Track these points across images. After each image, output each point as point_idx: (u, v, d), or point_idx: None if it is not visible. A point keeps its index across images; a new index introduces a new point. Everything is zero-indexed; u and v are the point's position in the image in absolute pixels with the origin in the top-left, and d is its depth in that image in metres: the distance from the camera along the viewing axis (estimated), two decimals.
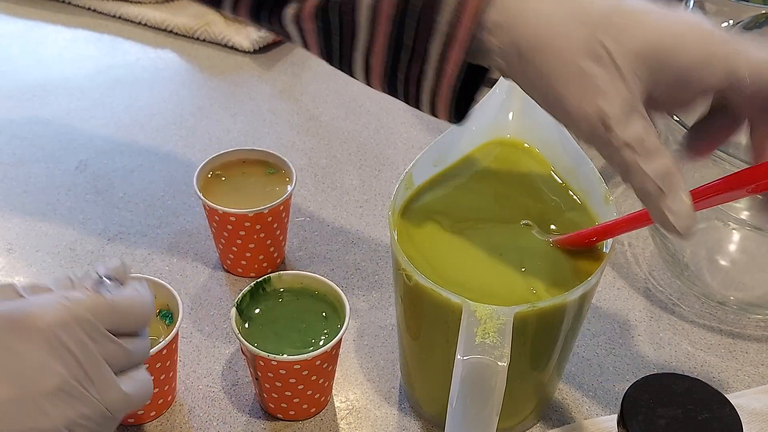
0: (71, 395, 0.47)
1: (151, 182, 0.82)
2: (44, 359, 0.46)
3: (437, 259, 0.57)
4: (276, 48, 1.01)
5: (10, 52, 0.99)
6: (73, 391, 0.47)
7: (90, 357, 0.48)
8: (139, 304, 0.50)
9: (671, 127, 0.65)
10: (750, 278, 0.74)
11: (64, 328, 0.47)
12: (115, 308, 0.49)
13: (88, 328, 0.48)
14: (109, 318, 0.49)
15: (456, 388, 0.49)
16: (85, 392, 0.47)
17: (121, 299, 0.50)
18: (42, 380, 0.46)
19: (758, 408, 0.64)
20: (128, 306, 0.50)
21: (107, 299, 0.49)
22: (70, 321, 0.47)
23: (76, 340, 0.47)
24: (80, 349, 0.47)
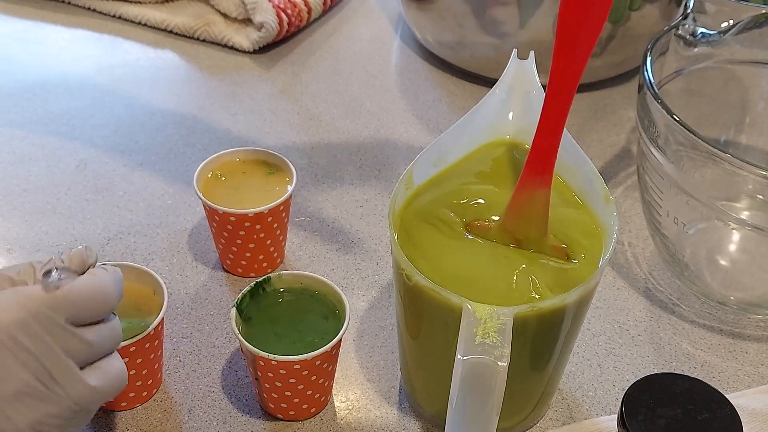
0: (33, 397, 0.46)
1: (151, 182, 0.82)
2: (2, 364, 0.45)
3: (437, 259, 0.57)
4: (276, 48, 1.01)
5: (10, 52, 0.99)
6: (35, 392, 0.46)
7: (51, 355, 0.46)
8: (98, 291, 0.49)
9: (671, 126, 0.65)
10: (750, 278, 0.74)
11: (22, 329, 0.46)
12: (71, 300, 0.47)
13: (47, 323, 0.46)
14: (67, 311, 0.47)
15: (456, 388, 0.49)
16: (48, 392, 0.46)
17: (77, 289, 0.48)
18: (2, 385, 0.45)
19: (758, 408, 0.64)
20: (85, 294, 0.48)
21: (63, 291, 0.47)
22: (28, 320, 0.46)
23: (35, 339, 0.46)
24: (40, 348, 0.46)
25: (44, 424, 0.47)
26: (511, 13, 0.88)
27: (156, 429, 0.62)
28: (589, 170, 0.60)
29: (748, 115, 0.81)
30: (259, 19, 0.97)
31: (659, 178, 0.69)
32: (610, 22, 0.89)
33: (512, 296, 0.55)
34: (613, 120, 0.92)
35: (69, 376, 0.47)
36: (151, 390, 0.64)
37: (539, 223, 0.58)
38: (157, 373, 0.64)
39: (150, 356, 0.61)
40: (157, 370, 0.64)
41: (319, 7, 1.03)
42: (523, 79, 0.63)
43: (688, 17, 0.75)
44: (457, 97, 0.95)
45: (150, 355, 0.61)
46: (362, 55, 1.01)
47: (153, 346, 0.61)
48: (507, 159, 0.64)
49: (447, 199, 0.61)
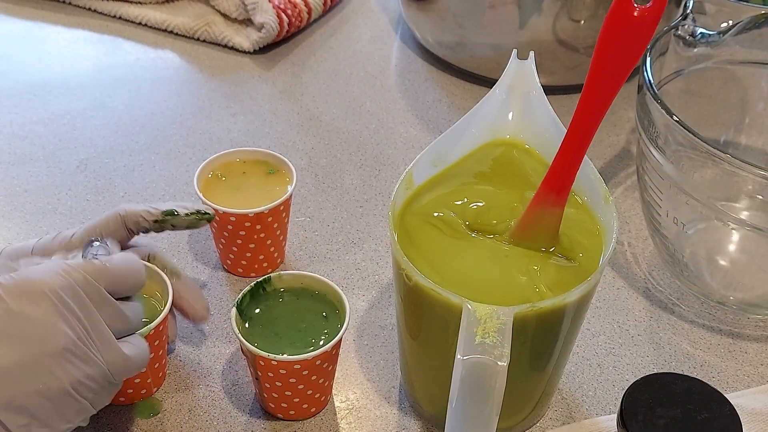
0: (76, 355, 0.49)
1: (152, 182, 0.82)
2: (51, 321, 0.48)
3: (437, 259, 0.57)
4: (276, 48, 1.01)
5: (10, 52, 0.99)
6: (78, 351, 0.49)
7: (93, 318, 0.50)
8: (131, 269, 0.53)
9: (671, 127, 0.65)
10: (750, 278, 0.74)
11: (68, 291, 0.49)
12: (111, 272, 0.52)
13: (90, 290, 0.50)
14: (107, 281, 0.51)
15: (456, 388, 0.50)
16: (89, 352, 0.49)
17: (115, 263, 0.52)
18: (49, 342, 0.48)
19: (758, 408, 0.64)
20: (122, 270, 0.52)
21: (103, 263, 0.52)
22: (73, 284, 0.50)
23: (80, 302, 0.49)
24: (83, 311, 0.50)
25: (83, 386, 0.50)
26: (511, 13, 0.89)
27: (156, 428, 0.62)
28: (589, 170, 0.60)
29: (747, 116, 0.81)
30: (260, 19, 0.97)
31: (659, 179, 0.69)
32: None
33: (512, 296, 0.55)
34: (612, 120, 0.92)
35: (107, 342, 0.51)
36: (151, 388, 0.64)
37: (549, 238, 0.58)
38: (158, 372, 0.64)
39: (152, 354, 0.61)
40: (158, 369, 0.64)
41: (320, 7, 1.03)
42: (523, 79, 0.63)
43: (688, 17, 0.75)
44: (457, 97, 0.95)
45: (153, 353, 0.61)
46: (362, 56, 1.01)
47: (153, 346, 0.61)
48: (507, 159, 0.64)
49: (447, 199, 0.61)
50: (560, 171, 0.56)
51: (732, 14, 0.75)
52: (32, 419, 0.48)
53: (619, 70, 0.52)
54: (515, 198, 0.61)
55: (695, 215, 0.72)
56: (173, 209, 0.64)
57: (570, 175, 0.56)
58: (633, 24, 0.50)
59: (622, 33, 0.51)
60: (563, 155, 0.56)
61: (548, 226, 0.58)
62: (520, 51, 0.64)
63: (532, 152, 0.64)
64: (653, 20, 0.50)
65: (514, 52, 0.63)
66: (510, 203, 0.61)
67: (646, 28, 0.50)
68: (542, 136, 0.63)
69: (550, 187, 0.57)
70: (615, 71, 0.52)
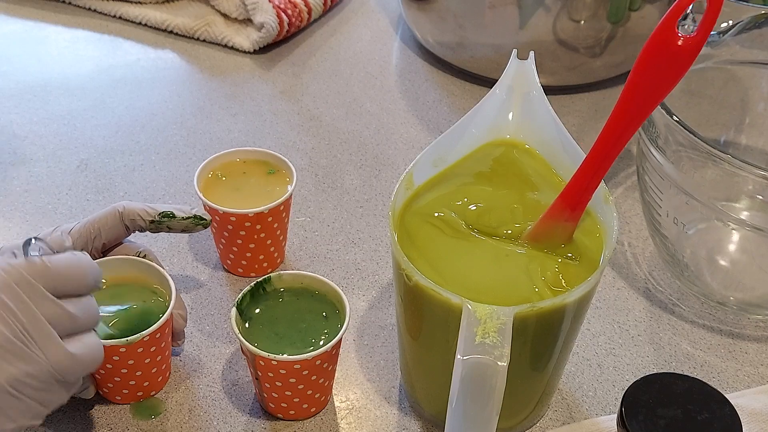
0: (11, 353, 0.48)
1: (152, 182, 0.82)
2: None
3: (437, 259, 0.57)
4: (276, 48, 1.01)
5: (10, 52, 0.99)
6: (14, 348, 0.48)
7: (31, 316, 0.49)
8: (75, 266, 0.52)
9: (671, 127, 0.65)
10: (750, 278, 0.74)
11: (4, 288, 0.48)
12: (50, 269, 0.50)
13: (27, 288, 0.49)
14: (46, 279, 0.50)
15: (456, 388, 0.50)
16: (26, 350, 0.48)
17: (56, 261, 0.51)
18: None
19: (758, 408, 0.64)
20: (64, 268, 0.51)
21: (43, 262, 0.50)
22: (9, 282, 0.49)
23: (16, 299, 0.48)
24: (21, 308, 0.49)
25: (22, 384, 0.49)
26: (511, 13, 0.89)
27: (156, 428, 0.62)
28: None
29: (747, 116, 0.81)
30: (260, 19, 0.97)
31: (659, 179, 0.69)
32: (610, 23, 0.89)
33: (512, 296, 0.55)
34: None
35: (48, 340, 0.49)
36: (148, 390, 0.64)
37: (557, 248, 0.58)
38: (165, 372, 0.64)
39: (156, 354, 0.61)
40: (165, 370, 0.64)
41: (320, 7, 1.03)
42: (523, 80, 0.63)
43: (688, 18, 0.75)
44: (457, 97, 0.95)
45: (156, 352, 0.61)
46: (362, 56, 1.01)
47: (160, 347, 0.61)
48: (507, 159, 0.64)
49: (447, 200, 0.61)
50: (578, 188, 0.56)
51: (732, 14, 0.75)
52: None
53: (653, 96, 0.52)
54: (515, 198, 0.61)
55: (695, 215, 0.72)
56: (171, 211, 0.64)
57: (587, 193, 0.57)
58: (675, 53, 0.50)
59: (662, 61, 0.51)
60: (583, 173, 0.56)
61: (559, 238, 0.58)
62: (520, 51, 0.64)
63: (533, 152, 0.64)
64: (696, 49, 0.50)
65: (514, 52, 0.63)
66: (510, 203, 0.61)
67: (688, 57, 0.50)
68: (542, 136, 0.63)
69: (566, 202, 0.57)
70: (649, 97, 0.52)
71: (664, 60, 0.51)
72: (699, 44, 0.50)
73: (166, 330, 0.61)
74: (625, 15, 0.89)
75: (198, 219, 0.65)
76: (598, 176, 0.56)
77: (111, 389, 0.62)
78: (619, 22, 0.89)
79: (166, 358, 0.63)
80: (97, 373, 0.61)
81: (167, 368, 0.64)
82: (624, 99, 0.53)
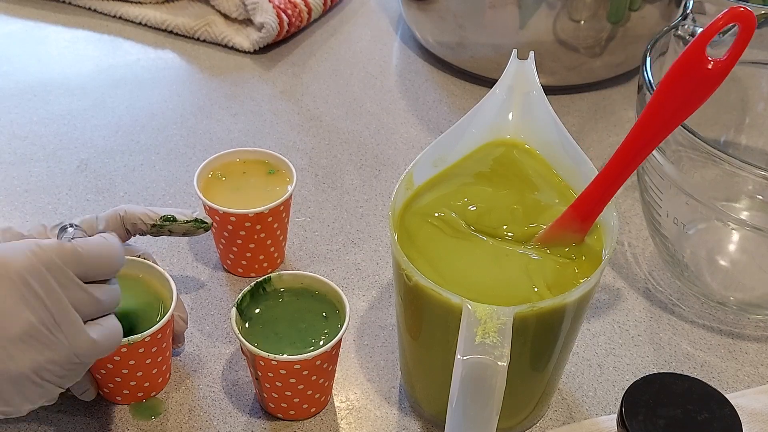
0: (38, 340, 0.48)
1: (152, 182, 0.82)
2: (12, 305, 0.47)
3: (437, 259, 0.57)
4: (276, 48, 1.01)
5: (10, 52, 0.99)
6: (41, 336, 0.48)
7: (58, 302, 0.49)
8: (106, 252, 0.52)
9: None
10: (750, 278, 0.74)
11: (33, 274, 0.48)
12: (82, 255, 0.50)
13: (57, 273, 0.49)
14: (77, 265, 0.50)
15: (456, 388, 0.50)
16: (52, 337, 0.49)
17: (88, 247, 0.51)
18: (9, 325, 0.47)
19: (758, 408, 0.64)
20: (95, 253, 0.51)
21: (75, 246, 0.50)
22: (39, 267, 0.48)
23: (45, 285, 0.48)
24: (48, 294, 0.48)
25: (45, 370, 0.49)
26: (511, 13, 0.89)
27: (156, 428, 0.62)
28: (589, 170, 0.60)
29: (747, 116, 0.81)
30: (260, 19, 0.97)
31: (659, 179, 0.69)
32: (610, 23, 0.89)
33: (512, 296, 0.55)
34: (613, 120, 0.92)
35: (73, 326, 0.50)
36: (148, 391, 0.64)
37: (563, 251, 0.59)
38: (165, 373, 0.64)
39: (157, 355, 0.61)
40: (165, 371, 0.64)
41: (320, 7, 1.03)
42: (523, 80, 0.63)
43: (688, 18, 0.75)
44: (457, 97, 0.95)
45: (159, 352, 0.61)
46: (362, 56, 1.01)
47: (161, 348, 0.61)
48: (507, 159, 0.64)
49: (447, 199, 0.61)
50: (591, 200, 0.56)
51: None
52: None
53: (677, 115, 0.52)
54: (515, 198, 0.61)
55: (695, 215, 0.72)
56: (172, 215, 0.64)
57: (600, 205, 0.57)
58: (704, 76, 0.50)
59: (690, 82, 0.51)
60: (597, 185, 0.56)
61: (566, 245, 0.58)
62: (520, 51, 0.64)
63: (533, 152, 0.64)
64: (725, 73, 0.50)
65: (514, 52, 0.63)
66: (510, 203, 0.61)
67: (716, 80, 0.50)
68: (542, 136, 0.63)
69: (577, 212, 0.57)
70: (672, 116, 0.52)
71: (692, 82, 0.51)
72: (728, 68, 0.50)
73: (167, 331, 0.61)
74: (625, 15, 0.89)
75: (199, 222, 0.65)
76: (612, 189, 0.56)
77: (112, 389, 0.62)
78: (619, 22, 0.89)
79: (166, 359, 0.63)
80: (97, 373, 0.61)
81: (168, 369, 0.64)
82: (646, 115, 0.53)
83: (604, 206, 0.57)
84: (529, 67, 0.63)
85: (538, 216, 0.60)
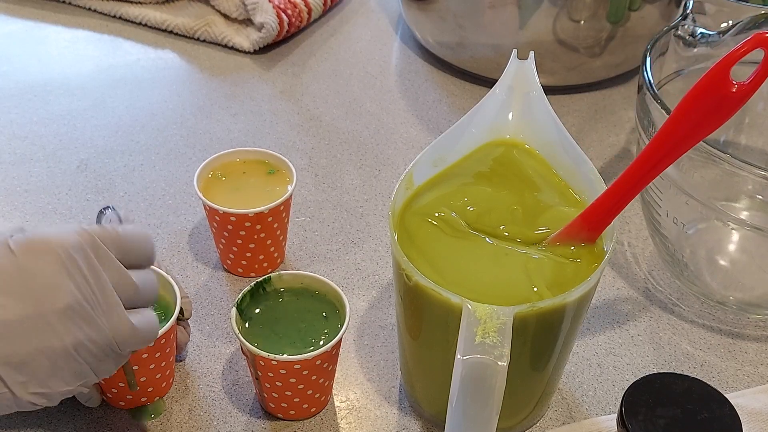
0: (80, 316, 0.49)
1: (152, 182, 0.82)
2: (57, 278, 0.48)
3: (437, 259, 0.57)
4: (276, 48, 1.01)
5: (10, 52, 0.99)
6: (84, 312, 0.49)
7: (100, 281, 0.50)
8: (144, 238, 0.53)
9: None
10: (750, 278, 0.74)
11: (79, 251, 0.49)
12: (122, 238, 0.52)
13: (100, 253, 0.50)
14: (118, 248, 0.51)
15: (456, 388, 0.50)
16: (93, 314, 0.49)
17: (127, 231, 0.52)
18: (54, 298, 0.48)
19: (758, 408, 0.64)
20: (134, 238, 0.53)
21: (115, 229, 0.52)
22: (83, 245, 0.49)
23: (89, 263, 0.49)
24: (92, 272, 0.49)
25: (84, 349, 0.49)
26: (511, 13, 0.89)
27: (156, 428, 0.62)
28: (589, 170, 0.60)
29: (747, 116, 0.81)
30: (260, 19, 0.97)
31: (659, 178, 0.69)
32: (610, 23, 0.89)
33: (512, 296, 0.55)
34: (612, 120, 0.92)
35: (114, 308, 0.50)
36: (152, 396, 0.63)
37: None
38: (169, 378, 0.63)
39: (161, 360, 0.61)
40: (169, 376, 0.64)
41: (320, 7, 1.03)
42: (523, 80, 0.63)
43: (688, 18, 0.75)
44: (457, 97, 0.95)
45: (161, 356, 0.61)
46: (362, 56, 1.01)
47: (164, 353, 0.61)
48: (507, 159, 0.64)
49: (447, 199, 0.61)
50: (600, 211, 0.56)
51: (732, 14, 0.75)
52: (30, 377, 0.48)
53: (695, 133, 0.52)
54: (515, 198, 0.61)
55: (695, 215, 0.72)
56: None
57: (609, 217, 0.56)
58: (727, 98, 0.50)
59: (712, 103, 0.51)
60: (608, 197, 0.56)
61: None
62: (520, 51, 0.64)
63: (532, 152, 0.64)
64: (748, 95, 0.50)
65: (514, 52, 0.63)
66: (510, 203, 0.61)
67: (739, 102, 0.50)
68: (542, 137, 0.63)
69: (586, 223, 0.57)
70: (689, 135, 0.53)
71: (714, 103, 0.51)
72: (751, 92, 0.50)
73: (170, 336, 0.61)
74: (625, 15, 0.89)
75: None
76: (623, 202, 0.56)
77: (115, 395, 0.62)
78: (619, 22, 0.89)
79: (170, 365, 0.63)
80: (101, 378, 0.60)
81: (171, 374, 0.64)
82: (664, 132, 0.53)
83: (614, 218, 0.57)
84: (529, 67, 0.63)
85: (538, 216, 0.60)
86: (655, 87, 0.68)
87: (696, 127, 0.52)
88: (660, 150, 0.54)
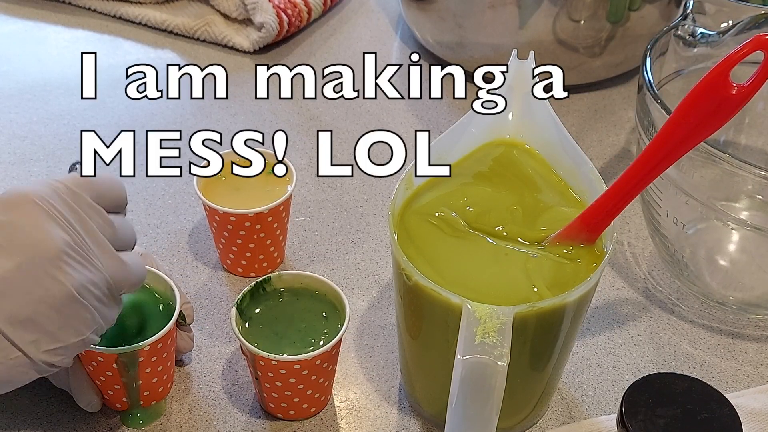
0: (74, 258, 0.49)
1: (152, 181, 0.82)
2: (43, 227, 0.49)
3: (437, 259, 0.57)
4: (276, 48, 1.01)
5: (10, 52, 0.99)
6: (77, 254, 0.49)
7: (85, 225, 0.51)
8: (116, 183, 0.55)
9: None
10: (749, 278, 0.74)
11: (55, 198, 0.50)
12: (94, 182, 0.53)
13: (76, 198, 0.51)
14: (91, 192, 0.52)
15: (456, 388, 0.50)
16: (87, 257, 0.50)
17: (99, 177, 0.54)
18: (45, 246, 0.48)
19: (757, 408, 0.64)
20: (106, 183, 0.54)
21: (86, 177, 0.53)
22: (59, 192, 0.51)
23: (69, 208, 0.50)
24: (74, 216, 0.50)
25: (86, 291, 0.49)
26: (511, 13, 0.89)
27: (156, 429, 0.62)
28: (589, 170, 0.60)
29: (747, 116, 0.81)
30: (260, 19, 0.97)
31: (659, 179, 0.69)
32: (610, 23, 0.89)
33: (512, 296, 0.55)
34: (612, 120, 0.92)
35: (103, 248, 0.51)
36: (148, 400, 0.63)
37: None
38: (167, 382, 0.63)
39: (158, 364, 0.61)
40: (167, 380, 0.63)
41: (319, 7, 1.03)
42: (523, 79, 0.63)
43: (688, 17, 0.75)
44: (457, 97, 0.95)
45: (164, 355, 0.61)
46: (362, 56, 1.01)
47: (161, 358, 0.61)
48: (507, 159, 0.64)
49: (447, 199, 0.61)
50: (600, 212, 0.56)
51: (732, 14, 0.75)
52: (40, 333, 0.48)
53: (693, 137, 0.53)
54: (515, 198, 0.61)
55: (695, 215, 0.72)
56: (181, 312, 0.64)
57: (608, 219, 0.57)
58: (727, 100, 0.50)
59: (712, 106, 0.51)
60: (608, 198, 0.56)
61: None
62: (520, 51, 0.63)
63: (532, 152, 0.64)
64: (748, 98, 0.50)
65: (514, 52, 0.63)
66: (510, 203, 0.61)
67: (738, 104, 0.50)
68: (542, 136, 0.63)
69: (586, 224, 0.57)
70: (688, 137, 0.53)
71: (714, 105, 0.51)
72: (751, 94, 0.50)
73: (168, 340, 0.60)
74: (625, 15, 0.89)
75: None
76: (622, 203, 0.56)
77: (111, 396, 0.61)
78: (619, 22, 0.89)
79: (168, 369, 0.62)
80: (97, 379, 0.60)
81: (170, 378, 0.63)
82: (663, 133, 0.53)
83: (613, 219, 0.57)
84: (529, 67, 0.63)
85: (538, 216, 0.60)
86: (655, 87, 0.68)
87: (695, 129, 0.52)
88: (659, 152, 0.54)
